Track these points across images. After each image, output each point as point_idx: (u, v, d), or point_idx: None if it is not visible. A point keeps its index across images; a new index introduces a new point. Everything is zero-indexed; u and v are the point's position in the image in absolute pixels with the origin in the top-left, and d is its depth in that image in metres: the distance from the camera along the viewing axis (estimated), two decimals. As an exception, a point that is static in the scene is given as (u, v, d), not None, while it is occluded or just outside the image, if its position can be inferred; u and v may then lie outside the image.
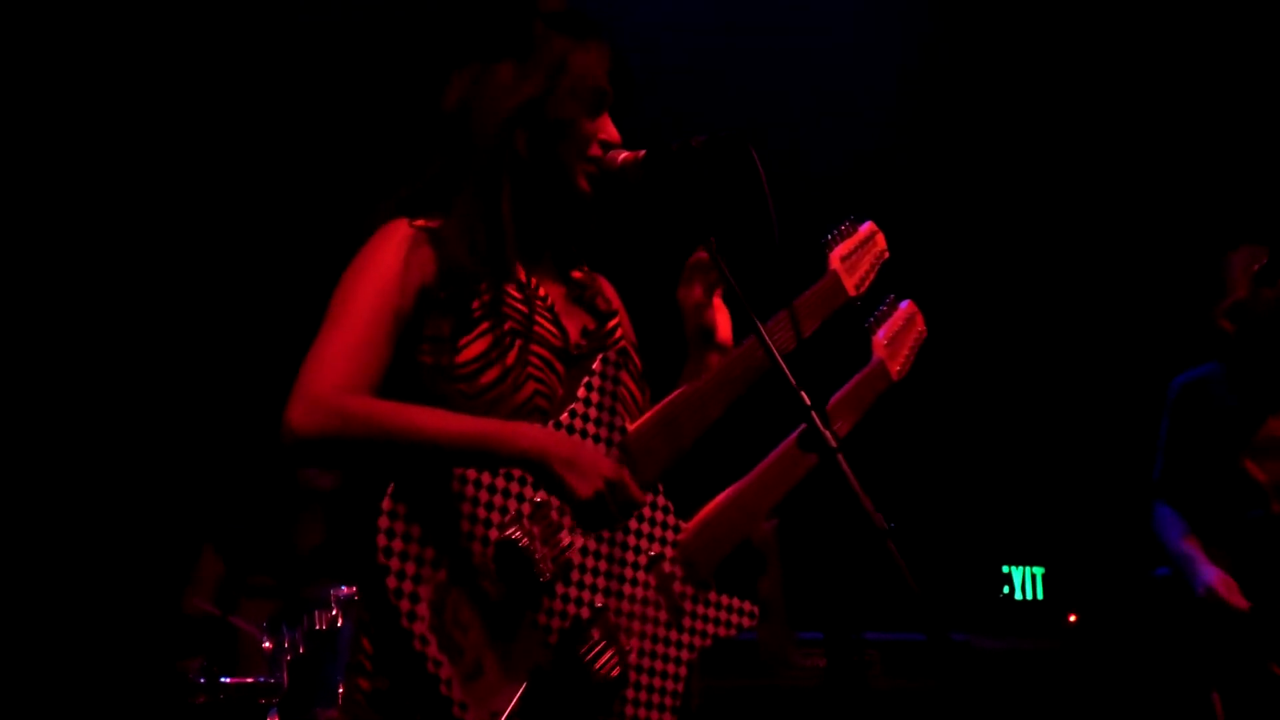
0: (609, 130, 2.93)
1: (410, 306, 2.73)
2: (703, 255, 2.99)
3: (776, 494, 3.04)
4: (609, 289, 3.10)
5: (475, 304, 2.77)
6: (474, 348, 2.75)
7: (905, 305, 3.46)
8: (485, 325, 2.77)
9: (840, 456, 2.53)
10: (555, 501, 2.73)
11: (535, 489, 2.72)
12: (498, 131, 2.82)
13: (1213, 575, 5.01)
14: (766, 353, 2.66)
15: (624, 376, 2.89)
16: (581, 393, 2.83)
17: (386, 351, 2.69)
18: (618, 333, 3.02)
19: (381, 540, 2.60)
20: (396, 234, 2.78)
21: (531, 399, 2.78)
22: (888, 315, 3.41)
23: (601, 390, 2.84)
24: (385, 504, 2.61)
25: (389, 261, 2.73)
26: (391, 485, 2.62)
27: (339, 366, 2.62)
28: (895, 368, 3.34)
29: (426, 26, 4.82)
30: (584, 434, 2.80)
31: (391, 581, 2.60)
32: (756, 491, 3.02)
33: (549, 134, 2.85)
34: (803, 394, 2.61)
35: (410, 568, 2.61)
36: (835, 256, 3.23)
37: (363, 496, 2.62)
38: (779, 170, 2.70)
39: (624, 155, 2.88)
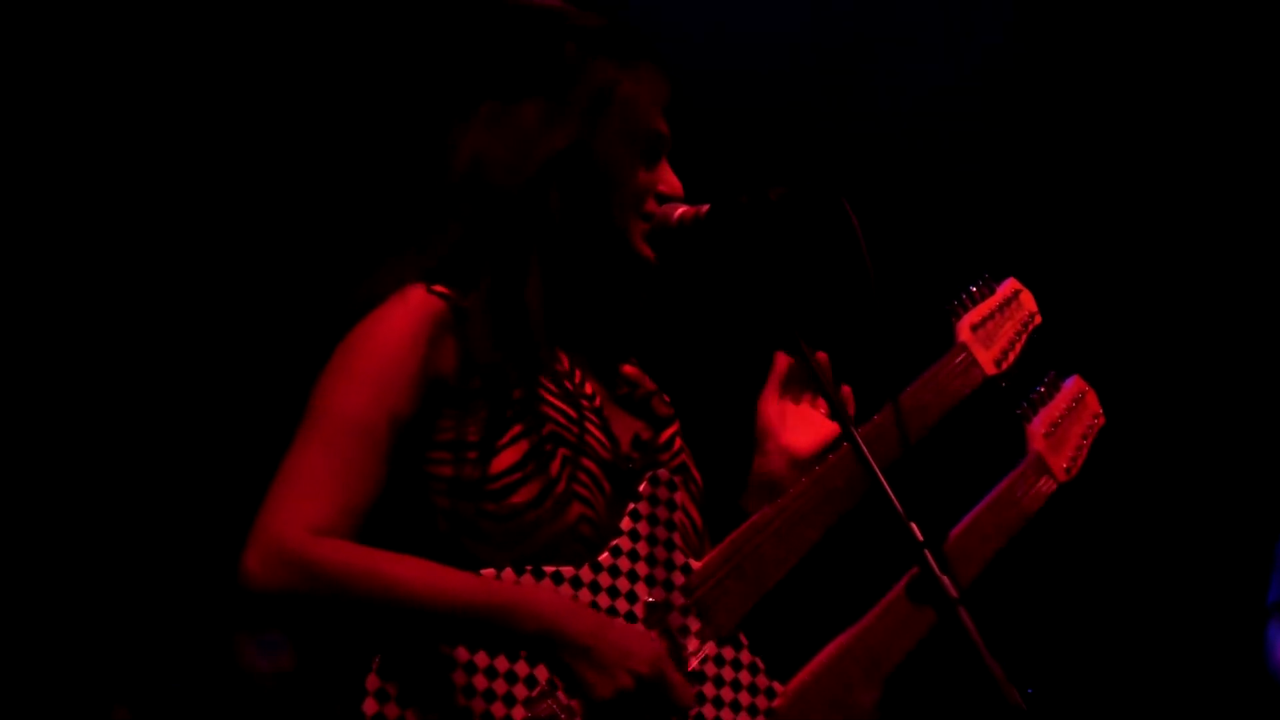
0: (669, 180, 2.34)
1: (417, 404, 2.14)
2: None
3: (900, 648, 2.39)
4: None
5: (507, 402, 2.18)
6: (505, 457, 2.16)
7: (1071, 383, 2.77)
8: (519, 429, 2.18)
9: (963, 610, 1.89)
10: None
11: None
12: (525, 191, 2.23)
13: None
14: (864, 468, 2.03)
15: (682, 499, 2.30)
16: (626, 524, 2.23)
17: (379, 470, 2.11)
18: (676, 443, 2.42)
19: None
20: (409, 305, 2.17)
21: (576, 525, 2.19)
22: (1047, 397, 2.72)
23: (652, 519, 2.24)
24: (371, 682, 2.04)
25: (394, 345, 2.13)
26: (378, 658, 2.05)
27: (312, 498, 2.05)
28: (1061, 464, 2.66)
29: (426, 52, 4.02)
30: (632, 577, 2.21)
31: None
32: (875, 645, 2.37)
33: (595, 189, 2.26)
34: (913, 526, 1.97)
35: None
36: (964, 326, 2.60)
37: (340, 663, 2.07)
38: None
39: (681, 210, 2.29)
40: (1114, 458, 2.91)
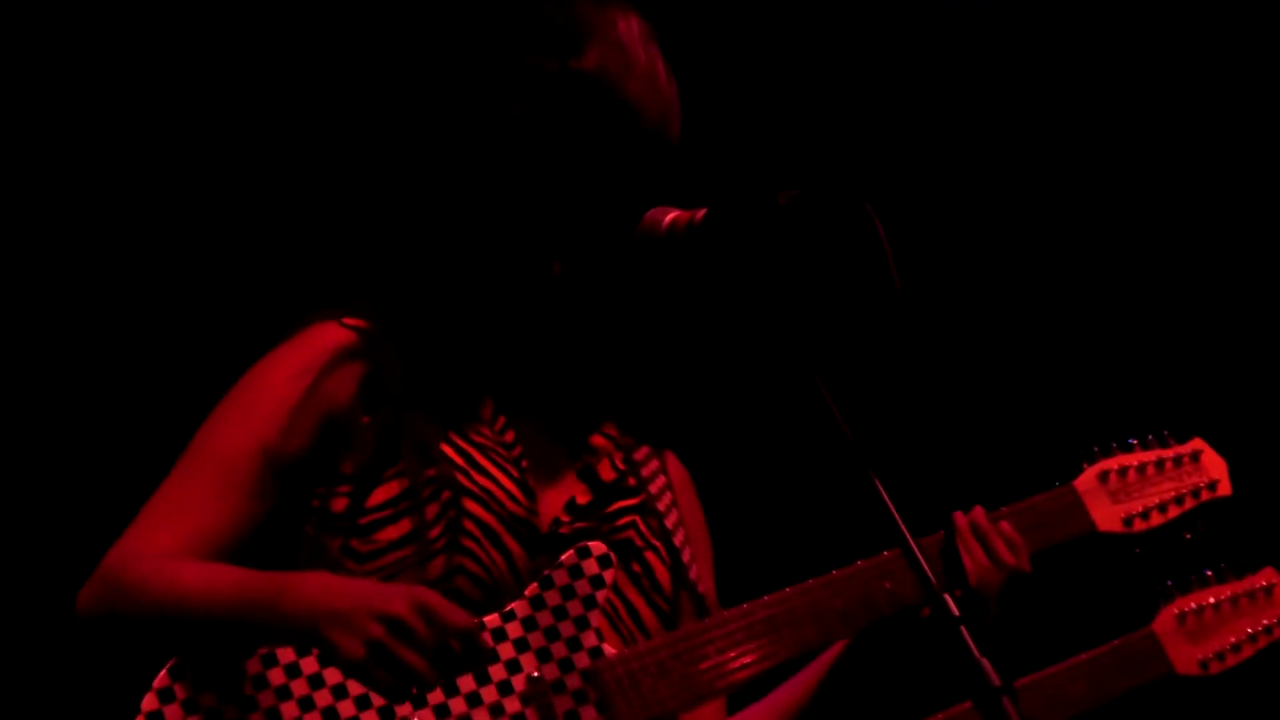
0: None
1: (303, 440, 1.96)
2: None
3: None
4: (676, 470, 2.18)
5: (395, 439, 1.97)
6: (381, 492, 1.94)
7: (1261, 574, 2.33)
8: (402, 466, 1.95)
9: (1007, 701, 1.53)
10: None
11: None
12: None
13: None
14: (919, 576, 1.61)
15: (613, 579, 1.94)
16: (533, 589, 1.91)
17: (242, 503, 1.94)
18: (624, 519, 2.05)
19: None
20: (304, 339, 2.04)
21: (449, 577, 1.90)
22: (1214, 580, 2.31)
23: (567, 592, 1.90)
24: (159, 680, 1.82)
25: (276, 379, 2.00)
26: (175, 659, 1.84)
27: (157, 529, 1.92)
28: (1193, 655, 2.26)
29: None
30: (520, 646, 1.89)
31: None
32: None
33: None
34: (947, 598, 1.57)
35: None
36: (1092, 473, 2.23)
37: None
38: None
39: (673, 215, 1.88)
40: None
